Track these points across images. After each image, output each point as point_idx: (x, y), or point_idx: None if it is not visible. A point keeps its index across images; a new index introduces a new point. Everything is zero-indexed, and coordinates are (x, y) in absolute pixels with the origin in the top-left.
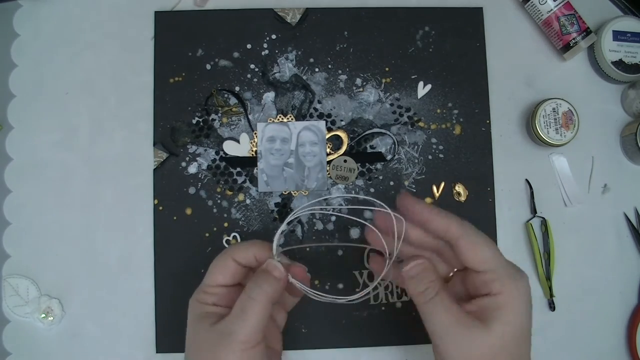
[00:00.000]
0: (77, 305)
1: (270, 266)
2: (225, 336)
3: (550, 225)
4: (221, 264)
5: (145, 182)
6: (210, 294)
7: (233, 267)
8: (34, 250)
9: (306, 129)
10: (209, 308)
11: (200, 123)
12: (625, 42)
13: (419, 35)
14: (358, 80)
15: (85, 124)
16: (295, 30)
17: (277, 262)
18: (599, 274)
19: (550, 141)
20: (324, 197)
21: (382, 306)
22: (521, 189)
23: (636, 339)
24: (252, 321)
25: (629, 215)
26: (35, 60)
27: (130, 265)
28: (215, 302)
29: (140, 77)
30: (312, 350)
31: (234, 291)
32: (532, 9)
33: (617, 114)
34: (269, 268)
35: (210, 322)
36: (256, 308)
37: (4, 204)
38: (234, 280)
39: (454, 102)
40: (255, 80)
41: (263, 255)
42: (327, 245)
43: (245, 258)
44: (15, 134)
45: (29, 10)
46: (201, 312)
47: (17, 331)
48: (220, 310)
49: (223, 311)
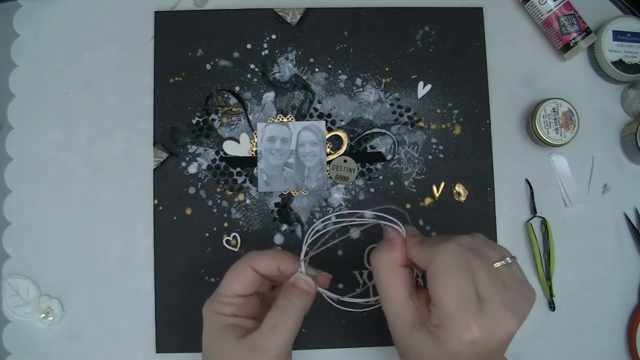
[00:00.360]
0: (77, 305)
1: (300, 281)
2: (256, 351)
3: (550, 225)
4: (240, 274)
5: (145, 182)
6: (228, 304)
7: (252, 276)
8: (34, 250)
9: (306, 129)
10: (230, 320)
11: (200, 123)
12: (625, 42)
13: (419, 35)
14: (358, 80)
15: (85, 124)
16: (295, 30)
17: (307, 277)
18: (599, 274)
19: (550, 141)
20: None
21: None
22: (521, 189)
23: (636, 339)
24: (284, 336)
25: (629, 215)
26: (35, 60)
27: (130, 265)
28: (235, 312)
29: (140, 77)
30: (312, 350)
31: (251, 301)
32: (532, 9)
33: (617, 114)
34: (299, 283)
35: (235, 335)
36: (288, 323)
37: (4, 204)
38: (251, 290)
39: (454, 102)
40: (255, 80)
41: (288, 268)
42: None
43: (267, 268)
44: (15, 134)
45: (29, 10)
46: (223, 324)
47: (17, 331)
48: (242, 322)
49: (245, 322)
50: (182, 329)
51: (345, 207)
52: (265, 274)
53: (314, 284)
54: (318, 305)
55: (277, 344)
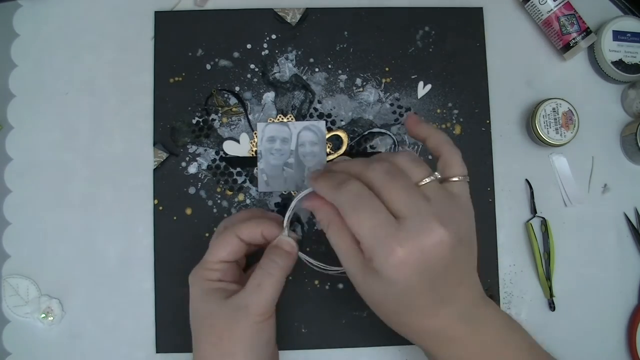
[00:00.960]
0: (77, 305)
1: (283, 242)
2: (241, 309)
3: (550, 225)
4: (225, 241)
5: (145, 182)
6: (214, 270)
7: (237, 244)
8: (34, 250)
9: (306, 129)
10: (216, 284)
11: (200, 123)
12: (625, 42)
13: (419, 35)
14: (358, 80)
15: (85, 124)
16: (295, 30)
17: (289, 238)
18: (599, 274)
19: (550, 141)
20: None
21: None
22: (521, 189)
23: (636, 339)
24: (268, 294)
25: (629, 215)
26: (35, 60)
27: (130, 265)
28: (221, 277)
29: (140, 77)
30: (312, 350)
31: (234, 267)
32: (532, 9)
33: (617, 114)
34: (281, 244)
35: (221, 296)
36: (272, 281)
37: (4, 204)
38: (235, 257)
39: (454, 102)
40: (255, 80)
41: (271, 233)
42: None
43: (251, 235)
44: (15, 134)
45: (29, 10)
46: (209, 287)
47: (17, 331)
48: (227, 286)
49: (229, 286)
50: (182, 329)
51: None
52: (249, 241)
53: (295, 245)
54: (318, 305)
55: (261, 301)
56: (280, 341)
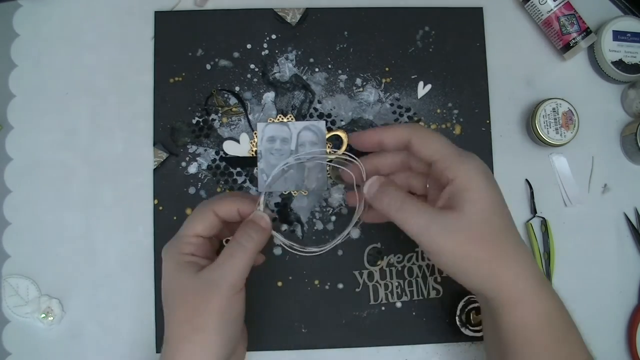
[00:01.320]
0: (77, 305)
1: (258, 217)
2: (213, 281)
3: (550, 225)
4: (201, 216)
5: (145, 182)
6: (188, 243)
7: (213, 219)
8: (34, 250)
9: (306, 129)
10: (188, 257)
11: (200, 123)
12: (625, 42)
13: (419, 35)
14: (358, 80)
15: (85, 124)
16: (295, 30)
17: (264, 214)
18: (599, 274)
19: (550, 141)
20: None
21: (382, 306)
22: (521, 189)
23: (636, 339)
24: (240, 266)
25: (629, 215)
26: (35, 60)
27: (130, 265)
28: (194, 252)
29: (140, 77)
30: (312, 350)
31: (207, 243)
32: (532, 9)
33: (617, 114)
34: (257, 219)
35: (193, 269)
36: (244, 254)
37: (4, 204)
38: (210, 233)
39: (454, 102)
40: (255, 80)
41: (247, 209)
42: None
43: (228, 211)
44: (15, 134)
45: (29, 10)
46: (181, 260)
47: (17, 331)
48: (199, 260)
49: (201, 261)
50: None
51: (346, 207)
52: (225, 218)
53: (270, 222)
54: (318, 305)
55: (232, 273)
56: (280, 341)
